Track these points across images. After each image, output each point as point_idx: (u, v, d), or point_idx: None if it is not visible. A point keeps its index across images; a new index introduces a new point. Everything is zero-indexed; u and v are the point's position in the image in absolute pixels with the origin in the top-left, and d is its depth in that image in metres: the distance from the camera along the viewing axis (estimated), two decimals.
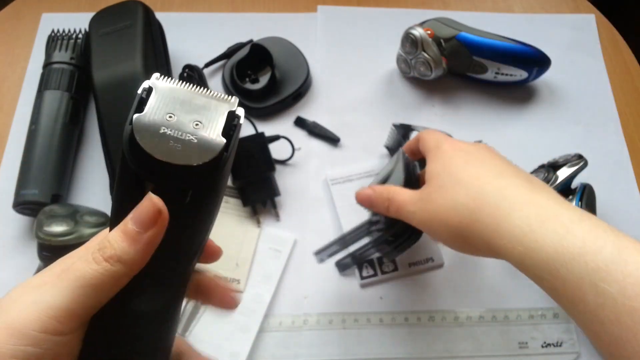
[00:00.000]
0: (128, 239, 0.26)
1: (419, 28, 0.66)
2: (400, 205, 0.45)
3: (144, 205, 0.25)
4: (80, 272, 0.25)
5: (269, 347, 0.55)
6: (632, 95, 0.72)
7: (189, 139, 0.24)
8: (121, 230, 0.26)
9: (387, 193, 0.46)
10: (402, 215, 0.45)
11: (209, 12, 0.76)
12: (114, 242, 0.26)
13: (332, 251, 0.56)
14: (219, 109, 0.26)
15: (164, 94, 0.26)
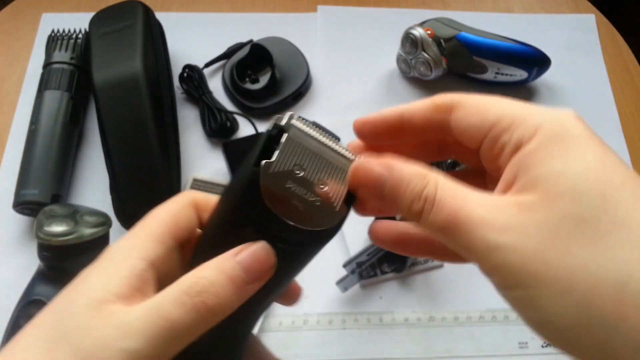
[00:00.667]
0: (234, 287, 0.24)
1: (419, 28, 0.66)
2: (462, 219, 0.22)
3: (259, 254, 0.24)
4: (172, 319, 0.23)
5: (269, 347, 0.55)
6: (632, 95, 0.72)
7: (312, 201, 0.24)
8: (227, 275, 0.24)
9: (427, 180, 0.23)
10: (462, 241, 0.22)
11: (209, 12, 0.76)
12: (218, 288, 0.23)
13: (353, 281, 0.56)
14: (344, 170, 0.25)
15: (295, 140, 0.24)
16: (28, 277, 0.55)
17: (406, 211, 0.23)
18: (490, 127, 0.24)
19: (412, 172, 0.23)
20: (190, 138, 0.66)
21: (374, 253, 0.56)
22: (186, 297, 0.23)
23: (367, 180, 0.24)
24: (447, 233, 0.22)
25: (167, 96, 0.64)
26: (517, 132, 0.23)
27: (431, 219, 0.23)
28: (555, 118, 0.23)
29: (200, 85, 0.67)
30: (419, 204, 0.23)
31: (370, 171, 0.24)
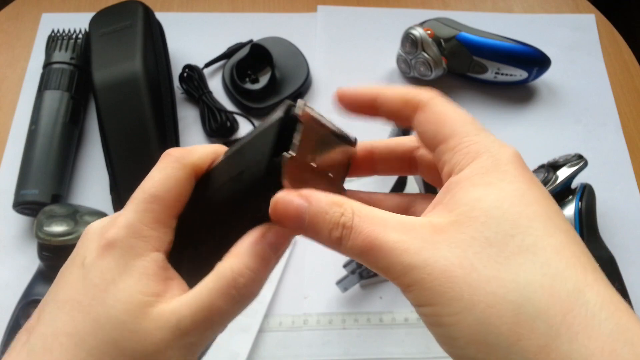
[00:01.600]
0: (268, 269, 0.25)
1: (419, 28, 0.66)
2: (379, 243, 0.23)
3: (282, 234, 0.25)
4: (221, 311, 0.24)
5: (269, 347, 0.55)
6: (632, 95, 0.72)
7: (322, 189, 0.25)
8: (263, 260, 0.25)
9: (344, 207, 0.24)
10: (380, 263, 0.23)
11: (209, 12, 0.76)
12: (259, 274, 0.25)
13: (353, 281, 0.56)
14: (343, 155, 0.28)
15: (310, 130, 0.25)
16: (28, 277, 0.55)
17: (326, 239, 0.24)
18: (440, 142, 0.25)
19: (329, 200, 0.24)
20: (190, 138, 0.66)
21: None
22: (234, 290, 0.24)
23: (288, 213, 0.24)
24: (366, 257, 0.23)
25: (167, 96, 0.64)
26: (457, 155, 0.24)
27: (350, 245, 0.23)
28: (494, 152, 0.24)
29: (200, 85, 0.67)
30: (338, 231, 0.24)
31: (289, 203, 0.24)
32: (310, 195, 0.24)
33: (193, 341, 0.24)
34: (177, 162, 0.26)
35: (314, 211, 0.24)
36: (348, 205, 0.24)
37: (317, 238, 0.24)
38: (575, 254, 0.21)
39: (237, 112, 0.67)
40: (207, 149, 0.27)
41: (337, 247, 0.24)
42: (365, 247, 0.23)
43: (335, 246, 0.24)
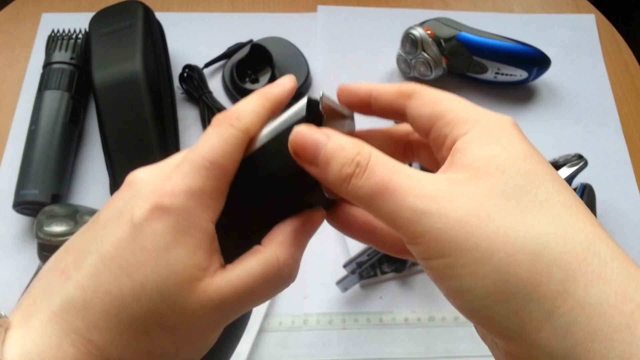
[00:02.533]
0: (302, 251, 0.27)
1: (419, 28, 0.66)
2: (393, 186, 0.22)
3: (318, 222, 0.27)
4: (260, 295, 0.26)
5: (269, 347, 0.55)
6: (632, 95, 0.72)
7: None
8: (302, 250, 0.27)
9: (362, 148, 0.24)
10: (390, 207, 0.22)
11: (209, 12, 0.76)
12: (296, 262, 0.26)
13: (353, 281, 0.56)
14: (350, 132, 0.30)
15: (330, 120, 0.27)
16: (28, 277, 0.55)
17: (336, 176, 0.24)
18: (437, 119, 0.25)
19: (348, 140, 0.24)
20: (190, 138, 0.66)
21: (374, 253, 0.56)
22: (278, 279, 0.25)
23: (306, 142, 0.24)
24: (374, 200, 0.23)
25: (167, 96, 0.64)
26: (458, 126, 0.24)
27: (360, 184, 0.23)
28: (494, 118, 0.24)
29: (200, 85, 0.67)
30: (350, 167, 0.23)
31: (310, 134, 0.24)
32: (332, 133, 0.25)
33: (226, 316, 0.25)
34: (233, 127, 0.26)
35: (332, 145, 0.24)
36: (366, 148, 0.24)
37: (327, 174, 0.24)
38: (582, 211, 0.22)
39: None
40: (257, 110, 0.27)
41: (345, 186, 0.24)
42: (376, 189, 0.23)
43: (344, 184, 0.24)
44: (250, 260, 0.25)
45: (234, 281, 0.24)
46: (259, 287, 0.25)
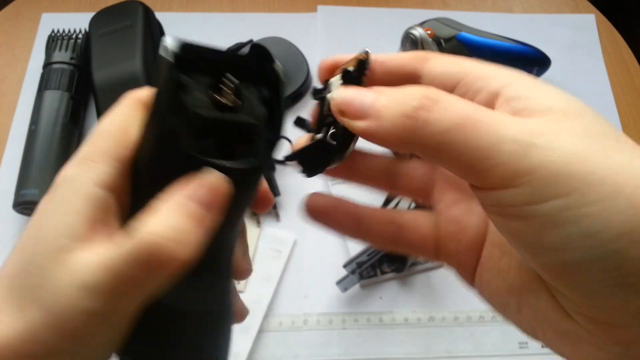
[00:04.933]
0: (200, 229, 0.21)
1: (419, 28, 0.66)
2: (480, 117, 0.19)
3: (215, 184, 0.21)
4: (133, 281, 0.21)
5: (269, 347, 0.55)
6: (632, 95, 0.72)
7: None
8: (192, 218, 0.21)
9: (424, 88, 0.21)
10: (485, 142, 0.19)
11: (209, 12, 0.76)
12: (187, 236, 0.21)
13: (353, 281, 0.56)
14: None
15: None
16: None
17: (396, 115, 0.20)
18: (465, 74, 0.22)
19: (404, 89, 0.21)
20: None
21: (374, 253, 0.56)
22: (151, 257, 0.20)
23: (354, 95, 0.22)
24: (457, 135, 0.19)
25: None
26: (495, 79, 0.21)
27: (435, 117, 0.19)
28: (523, 74, 0.22)
29: None
30: (416, 100, 0.19)
31: (355, 89, 0.22)
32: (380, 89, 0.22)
33: (100, 308, 0.20)
34: (126, 98, 0.25)
35: (388, 91, 0.21)
36: (437, 91, 0.20)
37: (381, 119, 0.20)
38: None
39: None
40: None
41: (411, 123, 0.19)
42: (459, 120, 0.19)
43: (409, 122, 0.19)
44: (126, 238, 0.21)
45: (102, 261, 0.20)
46: (129, 270, 0.20)
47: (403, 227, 0.28)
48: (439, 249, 0.27)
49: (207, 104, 0.23)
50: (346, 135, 0.25)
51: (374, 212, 0.28)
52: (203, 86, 0.23)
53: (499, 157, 0.18)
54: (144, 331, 0.24)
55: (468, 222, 0.26)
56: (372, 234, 0.28)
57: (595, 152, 0.18)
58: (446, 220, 0.27)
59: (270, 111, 0.24)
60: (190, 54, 0.23)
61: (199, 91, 0.23)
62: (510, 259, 0.24)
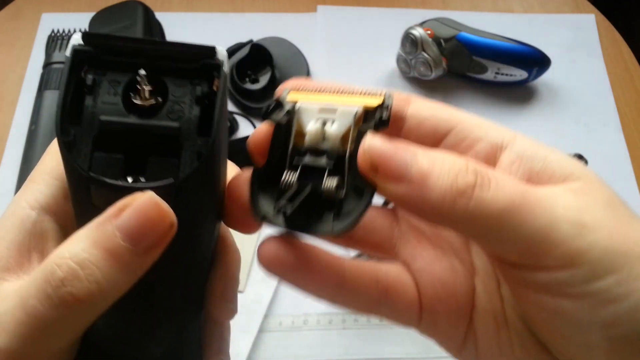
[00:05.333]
0: (118, 265, 0.18)
1: (419, 28, 0.66)
2: (534, 196, 0.19)
3: (148, 210, 0.18)
4: (39, 316, 0.17)
5: (269, 347, 0.55)
6: (632, 95, 0.72)
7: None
8: (106, 250, 0.17)
9: (467, 159, 0.19)
10: (541, 222, 0.18)
11: (209, 12, 0.76)
12: (94, 270, 0.17)
13: None
14: None
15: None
16: None
17: (446, 188, 0.18)
18: (457, 122, 0.21)
19: (441, 151, 0.19)
20: None
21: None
22: (50, 288, 0.17)
23: (389, 153, 0.19)
24: (513, 215, 0.18)
25: None
26: (494, 131, 0.21)
27: (491, 196, 0.18)
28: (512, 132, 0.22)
29: None
30: (469, 176, 0.18)
31: (391, 143, 0.19)
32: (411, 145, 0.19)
33: (12, 348, 0.18)
34: None
35: (429, 154, 0.19)
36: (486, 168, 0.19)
37: (427, 189, 0.18)
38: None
39: (237, 112, 0.67)
40: None
41: (464, 201, 0.18)
42: (516, 199, 0.18)
43: (462, 199, 0.18)
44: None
45: (16, 292, 0.18)
46: (31, 301, 0.17)
47: (389, 290, 0.23)
48: (422, 315, 0.24)
49: (117, 108, 0.19)
50: (365, 193, 0.20)
51: (356, 267, 0.23)
52: (118, 85, 0.20)
53: (557, 238, 0.18)
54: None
55: (456, 285, 0.23)
56: (356, 299, 0.23)
57: (627, 225, 0.19)
58: (430, 281, 0.23)
59: (205, 112, 0.20)
60: (102, 47, 0.19)
61: (111, 92, 0.20)
62: (509, 332, 0.22)
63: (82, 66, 0.19)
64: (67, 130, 0.19)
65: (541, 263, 0.18)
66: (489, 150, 0.21)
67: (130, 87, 0.20)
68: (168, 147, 0.19)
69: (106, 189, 0.18)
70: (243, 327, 0.55)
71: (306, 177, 0.21)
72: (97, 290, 0.17)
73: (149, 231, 0.18)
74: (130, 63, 0.20)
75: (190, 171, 0.19)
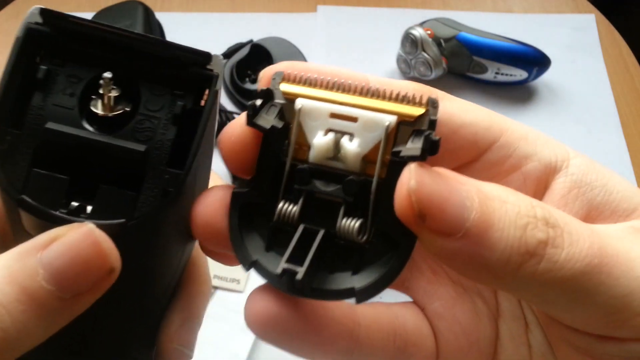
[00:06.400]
0: (34, 309, 0.14)
1: (419, 28, 0.66)
2: (612, 253, 0.15)
3: (82, 248, 0.14)
4: None
5: (269, 347, 0.55)
6: (632, 95, 0.72)
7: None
8: (21, 288, 0.14)
9: (533, 202, 0.16)
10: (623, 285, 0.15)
11: (209, 12, 0.76)
12: (3, 314, 0.13)
13: None
14: None
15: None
16: None
17: (517, 246, 0.14)
18: (501, 131, 0.18)
19: (499, 187, 0.15)
20: None
21: None
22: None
23: (444, 194, 0.14)
24: (589, 280, 0.14)
25: None
26: (544, 146, 0.18)
27: (563, 258, 0.14)
28: (569, 149, 0.19)
29: None
30: (539, 231, 0.14)
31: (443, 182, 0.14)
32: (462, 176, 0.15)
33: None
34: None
35: (488, 195, 0.14)
36: (529, 197, 0.15)
37: (492, 243, 0.14)
38: None
39: (237, 112, 0.67)
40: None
41: (533, 265, 0.14)
42: (589, 261, 0.14)
43: (533, 260, 0.14)
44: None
45: None
46: None
47: (407, 346, 0.19)
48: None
49: (71, 115, 0.15)
50: (399, 244, 0.15)
51: (371, 319, 0.19)
52: (77, 84, 0.16)
53: (638, 306, 0.15)
54: None
55: (479, 330, 0.20)
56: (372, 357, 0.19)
57: None
58: (450, 328, 0.20)
59: (184, 135, 0.16)
60: (65, 31, 0.16)
61: (67, 91, 0.15)
62: None
63: (35, 51, 0.15)
64: (2, 135, 0.14)
65: (615, 333, 0.16)
66: (541, 173, 0.18)
67: (91, 87, 0.15)
68: (126, 174, 0.15)
69: (39, 217, 0.14)
70: (243, 327, 0.55)
71: (311, 210, 0.15)
72: (2, 338, 0.13)
73: (81, 275, 0.14)
74: (97, 56, 0.16)
75: (150, 211, 0.15)
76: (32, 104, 0.15)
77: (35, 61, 0.15)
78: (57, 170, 0.15)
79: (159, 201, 0.15)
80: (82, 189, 0.15)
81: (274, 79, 0.17)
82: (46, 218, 0.14)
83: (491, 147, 0.18)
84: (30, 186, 0.14)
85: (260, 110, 0.16)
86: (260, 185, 0.16)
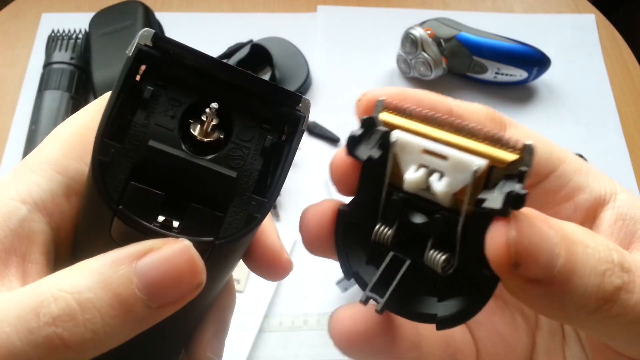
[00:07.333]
0: (124, 315, 0.15)
1: (419, 28, 0.66)
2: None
3: (177, 263, 0.15)
4: (18, 355, 0.14)
5: (269, 347, 0.55)
6: (632, 95, 0.72)
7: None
8: (115, 295, 0.14)
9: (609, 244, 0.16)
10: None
11: (209, 12, 0.76)
12: (94, 314, 0.14)
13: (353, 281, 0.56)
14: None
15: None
16: None
17: (596, 293, 0.15)
18: (559, 161, 0.19)
19: (582, 230, 0.16)
20: None
21: None
22: (35, 322, 0.14)
23: (538, 244, 0.14)
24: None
25: None
26: (596, 179, 0.20)
27: (634, 301, 0.15)
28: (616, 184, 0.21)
29: None
30: (616, 277, 0.15)
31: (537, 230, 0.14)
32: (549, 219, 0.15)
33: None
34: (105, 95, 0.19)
35: (569, 239, 0.15)
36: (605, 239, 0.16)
37: (574, 289, 0.15)
38: None
39: None
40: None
41: (608, 308, 0.15)
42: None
43: (607, 305, 0.15)
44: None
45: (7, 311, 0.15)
46: (7, 329, 0.14)
47: (457, 355, 0.21)
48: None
49: (172, 136, 0.16)
50: (483, 282, 0.16)
51: (429, 328, 0.20)
52: (178, 107, 0.17)
53: None
54: None
55: (517, 343, 0.21)
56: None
57: None
58: (489, 337, 0.21)
59: (269, 167, 0.17)
60: (173, 57, 0.17)
61: (169, 113, 0.16)
62: None
63: (142, 72, 0.16)
64: (106, 148, 0.16)
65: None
66: (591, 204, 0.19)
67: (190, 112, 0.17)
68: (215, 197, 0.16)
69: (134, 228, 0.15)
70: (243, 327, 0.55)
71: (404, 234, 0.17)
72: (91, 339, 0.14)
73: (172, 287, 0.15)
74: (199, 84, 0.17)
75: (235, 233, 0.16)
76: (135, 120, 0.16)
77: (137, 80, 0.16)
78: (152, 185, 0.16)
79: (243, 225, 0.17)
80: (172, 205, 0.16)
81: (377, 106, 0.18)
82: (141, 230, 0.15)
83: (549, 176, 0.19)
84: (126, 199, 0.16)
85: (362, 138, 0.18)
86: (361, 205, 0.18)
